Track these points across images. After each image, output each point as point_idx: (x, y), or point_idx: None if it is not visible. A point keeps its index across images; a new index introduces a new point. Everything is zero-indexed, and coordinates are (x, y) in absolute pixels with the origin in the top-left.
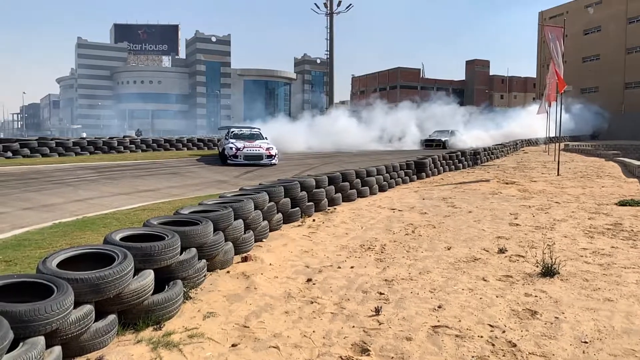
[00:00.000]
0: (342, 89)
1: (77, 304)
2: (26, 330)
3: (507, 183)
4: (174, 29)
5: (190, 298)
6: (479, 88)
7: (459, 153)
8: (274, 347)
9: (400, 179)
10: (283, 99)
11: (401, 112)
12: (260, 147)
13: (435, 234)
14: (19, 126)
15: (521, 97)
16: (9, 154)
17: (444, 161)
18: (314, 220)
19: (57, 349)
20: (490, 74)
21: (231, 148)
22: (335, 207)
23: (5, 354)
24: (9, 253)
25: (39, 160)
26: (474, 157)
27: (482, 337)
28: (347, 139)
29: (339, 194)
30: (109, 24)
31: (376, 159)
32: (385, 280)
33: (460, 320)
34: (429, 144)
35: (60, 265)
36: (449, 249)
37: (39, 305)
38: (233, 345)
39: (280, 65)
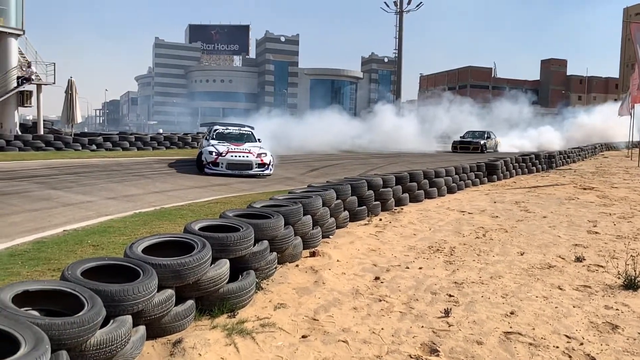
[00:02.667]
0: (409, 88)
1: (160, 288)
2: (116, 309)
3: (585, 188)
4: (245, 29)
5: (262, 289)
6: (555, 89)
7: (533, 156)
8: (343, 341)
9: (470, 181)
10: (349, 97)
11: (464, 111)
12: (249, 152)
13: (507, 238)
14: (101, 121)
15: (601, 99)
16: (94, 146)
17: (516, 164)
18: (380, 219)
19: (142, 329)
20: (568, 73)
21: (210, 153)
22: (402, 207)
23: (99, 328)
24: (96, 238)
25: (120, 153)
26: (548, 161)
27: (557, 347)
28: (399, 137)
29: (406, 194)
30: (184, 24)
31: (446, 160)
32: (455, 282)
33: (534, 329)
34: (464, 146)
35: (145, 251)
36: (521, 255)
37: (127, 287)
38: (303, 337)
39: (347, 64)
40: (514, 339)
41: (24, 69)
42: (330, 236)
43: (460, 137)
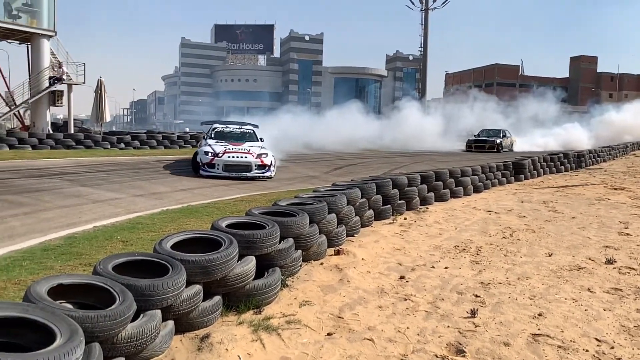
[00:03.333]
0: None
1: (188, 283)
2: (146, 303)
3: (615, 189)
4: (270, 28)
5: (287, 286)
6: (585, 86)
7: (561, 154)
8: (368, 339)
9: (496, 180)
10: (373, 96)
11: (489, 109)
12: (248, 152)
13: (535, 238)
14: (128, 120)
15: (633, 96)
16: (122, 145)
17: (544, 163)
18: (405, 218)
19: (170, 324)
20: (598, 70)
21: (206, 153)
22: (427, 206)
23: (130, 322)
24: (125, 234)
25: (147, 151)
26: (577, 160)
27: (587, 351)
28: (424, 136)
29: (432, 193)
30: (210, 24)
31: (472, 159)
32: (482, 283)
33: (562, 331)
34: (479, 145)
35: (174, 247)
36: (550, 256)
37: (157, 282)
38: (328, 334)
39: (371, 62)
40: (542, 341)
41: (56, 69)
42: (355, 235)
43: (475, 135)
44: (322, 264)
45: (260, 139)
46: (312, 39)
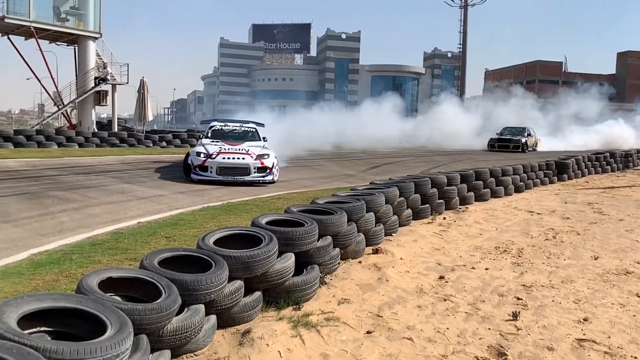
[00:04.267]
0: (474, 84)
1: (230, 278)
2: (190, 297)
3: None
4: (307, 27)
5: (325, 283)
6: (633, 83)
7: (607, 154)
8: (407, 338)
9: (538, 180)
10: (410, 94)
11: (527, 106)
12: (246, 153)
13: (579, 241)
14: (169, 119)
15: None
16: (164, 143)
17: (589, 162)
18: (444, 218)
19: (213, 318)
20: None
21: (198, 154)
22: (466, 206)
23: (175, 316)
24: (168, 230)
25: (188, 149)
26: (624, 160)
27: (635, 358)
28: (462, 134)
29: (472, 193)
30: (248, 24)
31: (513, 158)
32: (524, 285)
33: (609, 337)
34: (503, 144)
35: (216, 242)
36: (595, 259)
37: (201, 277)
38: (368, 332)
39: (408, 60)
40: (587, 346)
41: (101, 69)
42: (393, 234)
43: (497, 133)
44: (360, 262)
45: (263, 138)
46: (349, 37)
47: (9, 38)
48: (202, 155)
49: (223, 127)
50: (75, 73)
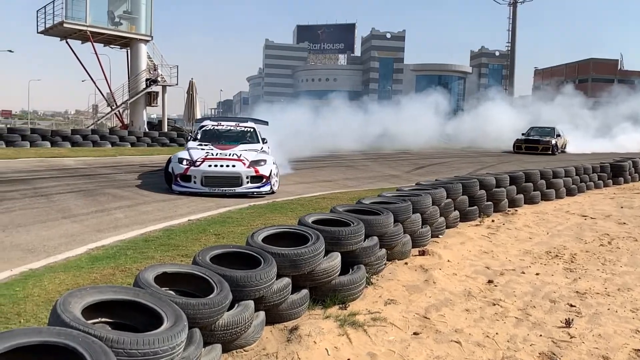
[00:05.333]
0: (523, 83)
1: (278, 276)
2: (241, 293)
3: None
4: (351, 27)
5: (372, 284)
6: None
7: None
8: (455, 341)
9: (592, 183)
10: (456, 93)
11: (576, 105)
12: (238, 159)
13: (637, 247)
14: None
15: None
16: None
17: None
18: (493, 220)
19: (262, 314)
20: None
21: (180, 161)
22: (516, 208)
23: (226, 311)
24: (217, 228)
25: None
26: None
27: None
28: (509, 134)
29: (521, 195)
30: (293, 25)
31: (565, 159)
32: (577, 292)
33: None
34: (531, 146)
35: (264, 240)
36: None
37: (251, 273)
38: (415, 334)
39: (454, 59)
40: None
41: (151, 71)
42: (440, 236)
43: (523, 134)
44: (406, 263)
45: (263, 139)
46: (394, 36)
47: (67, 42)
48: (184, 162)
49: (215, 127)
50: (127, 75)
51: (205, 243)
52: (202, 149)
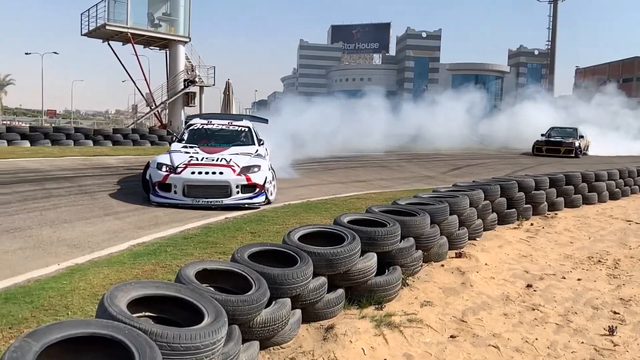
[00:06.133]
0: (563, 82)
1: (314, 275)
2: (278, 291)
3: None
4: (386, 27)
5: (407, 285)
6: None
7: None
8: (493, 346)
9: (636, 187)
10: (493, 93)
11: (614, 104)
12: (226, 165)
13: None
14: None
15: None
16: None
17: None
18: (532, 224)
19: (298, 312)
20: None
21: (159, 167)
22: (555, 212)
23: (264, 308)
24: (253, 226)
25: None
26: None
27: None
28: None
29: (561, 198)
30: (327, 25)
31: (607, 162)
32: (621, 299)
33: None
34: (552, 148)
35: (300, 239)
36: None
37: (288, 271)
38: (451, 337)
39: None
40: None
41: (189, 72)
42: (477, 238)
43: (543, 135)
44: (442, 266)
45: (259, 140)
46: (430, 35)
47: (109, 44)
48: (164, 167)
49: (205, 126)
50: (165, 76)
51: (241, 241)
52: (187, 153)
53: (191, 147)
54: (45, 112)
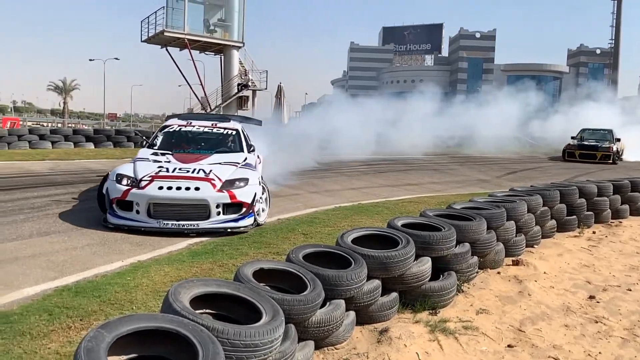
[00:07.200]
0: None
1: (368, 277)
2: (332, 292)
3: None
4: (438, 27)
5: (463, 291)
6: None
7: None
8: (553, 358)
9: None
10: (551, 94)
11: None
12: (205, 178)
13: None
14: None
15: None
16: None
17: None
18: (594, 232)
19: (352, 314)
20: None
21: (119, 179)
22: (620, 220)
23: (319, 309)
24: (305, 227)
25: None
26: None
27: None
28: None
29: (626, 206)
30: (378, 27)
31: (628, 168)
32: None
33: None
34: (586, 153)
35: (353, 241)
36: None
37: (342, 273)
38: (509, 346)
39: (549, 58)
40: None
41: (243, 76)
42: (535, 246)
43: (574, 138)
44: (499, 273)
45: (250, 147)
46: (483, 35)
47: (167, 49)
48: (125, 180)
49: (183, 129)
50: (220, 80)
51: (294, 242)
52: (156, 162)
53: (163, 154)
54: (107, 115)
